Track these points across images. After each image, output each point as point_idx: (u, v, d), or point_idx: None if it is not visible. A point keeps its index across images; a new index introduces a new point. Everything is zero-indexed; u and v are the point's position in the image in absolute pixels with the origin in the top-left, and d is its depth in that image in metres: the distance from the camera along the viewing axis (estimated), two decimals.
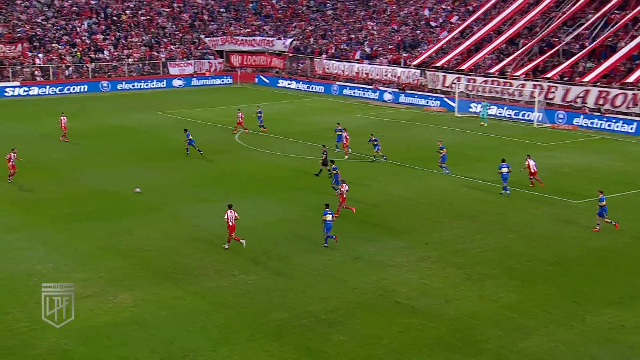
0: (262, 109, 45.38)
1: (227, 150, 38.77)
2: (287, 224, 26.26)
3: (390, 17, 72.36)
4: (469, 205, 28.85)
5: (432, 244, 24.19)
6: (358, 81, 63.89)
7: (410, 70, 60.27)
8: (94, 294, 19.71)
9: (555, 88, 50.27)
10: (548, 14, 58.91)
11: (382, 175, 33.59)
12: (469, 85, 55.11)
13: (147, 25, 73.49)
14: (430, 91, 58.09)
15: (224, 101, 57.37)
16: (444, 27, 65.59)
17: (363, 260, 22.55)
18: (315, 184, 31.93)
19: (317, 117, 50.14)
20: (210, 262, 22.23)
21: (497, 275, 21.43)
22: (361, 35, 70.90)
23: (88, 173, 33.51)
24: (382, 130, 45.32)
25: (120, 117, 49.32)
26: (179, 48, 71.44)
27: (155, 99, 59.98)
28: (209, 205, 28.50)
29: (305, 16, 78.74)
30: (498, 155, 37.96)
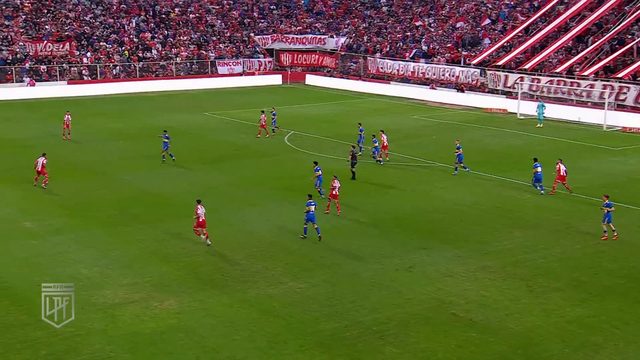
0: (276, 112, 45.05)
1: (276, 153, 39.09)
2: (339, 230, 26.30)
3: (449, 14, 71.78)
4: (532, 213, 28.37)
5: (492, 253, 23.87)
6: (414, 81, 63.59)
7: (469, 69, 59.64)
8: (140, 299, 20.13)
9: (627, 89, 48.99)
10: (620, 10, 57.45)
11: (438, 181, 33.34)
12: (533, 86, 54.20)
13: (196, 23, 74.78)
14: (491, 92, 57.40)
15: (273, 102, 57.80)
16: (506, 24, 64.71)
17: (417, 270, 22.42)
18: (370, 189, 31.86)
19: (371, 119, 50.03)
20: (259, 268, 22.44)
21: (562, 288, 21.00)
22: (418, 32, 70.53)
23: (135, 175, 34.22)
24: (438, 132, 45.00)
25: (166, 117, 50.28)
26: (228, 47, 72.44)
27: (202, 99, 60.94)
28: (257, 209, 28.78)
29: (359, 13, 78.82)
30: (564, 160, 37.31)
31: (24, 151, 38.64)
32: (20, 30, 65.68)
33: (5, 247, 24.19)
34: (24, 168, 34.58)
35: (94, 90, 62.48)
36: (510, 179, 33.15)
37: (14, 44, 63.82)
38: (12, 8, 67.83)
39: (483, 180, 33.39)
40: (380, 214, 28.24)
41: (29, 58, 63.03)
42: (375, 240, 25.22)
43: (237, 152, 39.28)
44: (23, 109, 54.47)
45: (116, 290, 20.64)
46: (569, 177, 30.51)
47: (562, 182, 30.60)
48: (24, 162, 35.81)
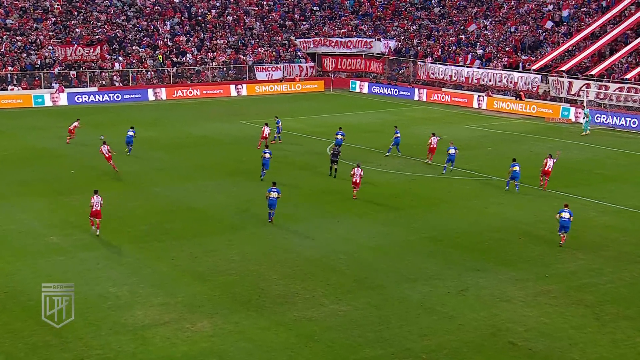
0: (280, 120, 45.51)
1: (319, 165, 39.21)
2: (385, 249, 26.24)
3: (507, 15, 71.26)
4: (598, 233, 27.87)
5: (554, 276, 23.49)
6: (468, 87, 63.22)
7: (529, 75, 59.05)
8: (172, 320, 20.35)
9: None
10: None
11: (493, 196, 33.02)
12: (600, 93, 53.35)
13: (233, 25, 75.72)
14: (553, 99, 56.70)
15: (315, 110, 58.06)
16: (571, 26, 63.91)
17: (471, 293, 22.19)
18: (419, 205, 31.74)
19: (419, 128, 49.89)
20: (298, 289, 22.49)
21: (632, 316, 20.55)
22: (472, 35, 70.15)
23: (167, 187, 34.66)
24: (493, 144, 44.57)
25: (201, 126, 50.89)
26: (267, 50, 73.11)
27: (240, 106, 61.55)
28: (298, 225, 28.90)
29: (409, 14, 78.84)
30: (634, 175, 36.65)
31: (52, 161, 39.54)
32: (49, 33, 67.40)
33: (30, 263, 24.66)
34: (52, 179, 35.34)
35: (125, 97, 63.67)
36: (575, 195, 32.63)
37: (43, 48, 65.50)
38: (42, 10, 69.67)
39: (544, 196, 32.92)
40: (429, 231, 28.08)
41: (58, 63, 64.61)
42: (424, 260, 25.07)
43: (277, 164, 39.49)
44: (52, 116, 55.79)
45: (147, 310, 20.89)
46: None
47: (546, 178, 33.43)
48: (52, 173, 36.62)
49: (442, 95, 63.46)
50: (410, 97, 65.41)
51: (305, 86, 70.64)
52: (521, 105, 56.98)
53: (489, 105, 59.13)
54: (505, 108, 57.91)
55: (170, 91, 65.77)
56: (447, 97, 62.98)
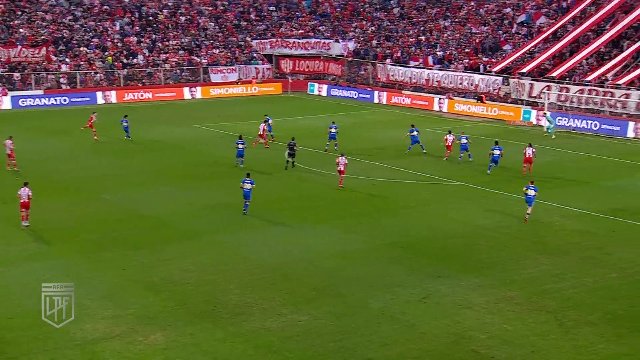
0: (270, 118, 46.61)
1: (276, 170, 39.18)
2: (345, 256, 26.31)
3: (468, 16, 72.19)
4: (561, 237, 28.35)
5: (516, 282, 23.82)
6: (428, 90, 63.84)
7: (490, 77, 59.86)
8: (122, 333, 20.10)
9: None
10: None
11: (455, 201, 33.37)
12: (562, 95, 54.33)
13: (186, 26, 75.32)
14: (514, 102, 57.56)
15: (272, 113, 57.91)
16: (531, 27, 65.03)
17: (433, 301, 22.37)
18: (380, 210, 31.92)
19: (380, 132, 50.19)
20: (255, 298, 22.42)
21: (595, 322, 20.93)
22: (432, 36, 70.89)
23: (118, 194, 34.26)
24: (454, 147, 45.04)
25: (154, 130, 50.46)
26: (222, 52, 72.87)
27: (193, 109, 61.13)
28: (255, 232, 28.80)
29: (368, 15, 79.35)
30: (596, 179, 37.40)
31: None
32: None
33: None
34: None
35: (73, 100, 62.76)
36: (537, 199, 33.10)
37: None
38: None
39: (506, 200, 33.39)
40: (390, 238, 28.25)
41: (0, 65, 63.45)
42: (385, 267, 25.20)
43: (232, 169, 39.35)
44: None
45: (96, 323, 20.61)
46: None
47: (529, 166, 36.85)
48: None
49: (402, 98, 63.96)
50: (370, 99, 65.80)
51: (262, 88, 70.59)
52: (482, 108, 57.75)
53: (450, 108, 59.79)
54: (467, 111, 58.62)
55: (120, 94, 65.08)
56: (408, 99, 63.49)
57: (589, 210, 31.55)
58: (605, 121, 50.64)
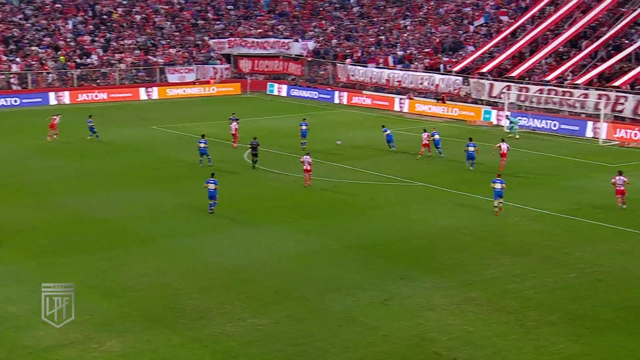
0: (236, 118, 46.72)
1: (235, 171, 39.06)
2: (306, 258, 26.31)
3: (427, 16, 72.78)
4: (521, 238, 28.71)
5: (478, 283, 24.06)
6: (389, 90, 64.18)
7: (450, 77, 60.41)
8: (77, 340, 19.83)
9: (624, 98, 50.03)
10: (616, 11, 58.78)
11: (418, 202, 33.59)
12: (521, 95, 55.05)
13: (142, 25, 74.64)
14: (474, 102, 58.17)
15: (230, 113, 57.74)
16: (491, 27, 65.79)
17: (395, 303, 22.49)
18: (341, 212, 32.00)
19: (340, 132, 50.30)
20: (214, 303, 22.30)
21: (555, 322, 21.24)
22: (392, 36, 71.33)
23: (72, 198, 33.82)
24: (416, 148, 45.39)
25: (109, 131, 49.88)
26: (179, 52, 72.38)
27: (150, 110, 60.57)
28: (214, 235, 28.66)
29: (327, 14, 79.51)
30: (556, 179, 37.98)
31: None
32: None
33: None
34: None
35: (24, 101, 61.75)
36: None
37: None
38: None
39: (467, 201, 33.72)
40: (352, 239, 28.33)
41: None
42: (347, 269, 25.25)
43: (190, 171, 39.12)
44: None
45: (49, 330, 20.26)
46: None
47: (503, 159, 38.65)
48: None
49: (363, 98, 64.21)
50: (330, 100, 65.91)
51: (221, 89, 70.29)
52: (443, 108, 58.23)
53: (411, 108, 60.17)
54: (427, 111, 59.06)
55: (74, 95, 64.25)
56: (369, 100, 63.76)
57: (549, 211, 32.01)
58: (564, 121, 51.45)
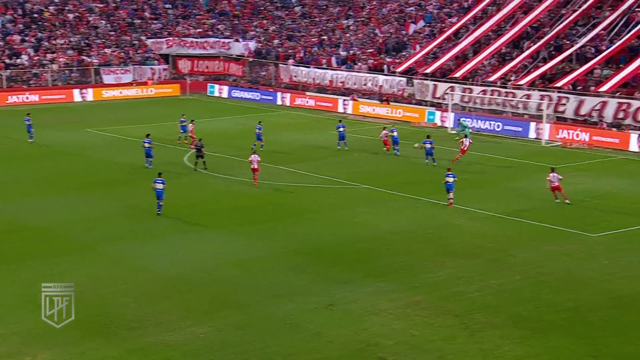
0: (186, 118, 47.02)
1: (175, 176, 38.64)
2: (248, 264, 26.20)
3: (370, 15, 73.29)
4: (467, 240, 29.08)
5: (423, 286, 24.27)
6: (332, 91, 64.39)
7: (394, 78, 60.92)
8: (6, 354, 19.40)
9: (566, 99, 51.18)
10: (557, 12, 60.10)
11: (362, 205, 33.75)
12: (465, 96, 55.85)
13: (75, 24, 73.43)
14: (418, 103, 58.76)
15: (170, 116, 57.25)
16: (434, 27, 66.59)
17: (339, 308, 22.53)
18: (284, 216, 31.97)
19: (284, 135, 50.28)
20: (153, 311, 22.04)
21: (500, 325, 21.55)
22: (335, 36, 71.62)
23: (2, 205, 33.15)
24: (362, 149, 45.66)
25: (41, 135, 48.90)
26: (114, 52, 71.39)
27: (84, 113, 59.65)
28: (152, 241, 28.39)
29: (268, 14, 79.42)
30: (500, 180, 38.61)
31: None
32: None
33: None
34: None
35: None
36: (443, 202, 33.91)
37: None
38: None
39: (412, 204, 34.02)
40: (295, 244, 28.32)
41: None
42: (290, 274, 25.23)
43: (128, 175, 38.65)
44: None
45: None
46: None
47: (461, 156, 41.13)
48: None
49: (306, 100, 64.29)
50: (273, 101, 65.80)
51: (159, 90, 69.57)
52: (387, 110, 58.66)
53: (355, 109, 60.47)
54: (372, 112, 59.41)
55: (3, 97, 62.88)
56: (312, 101, 63.85)
57: (494, 212, 32.49)
58: (507, 122, 52.34)
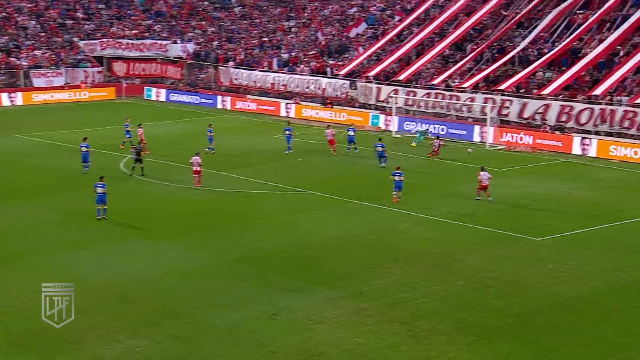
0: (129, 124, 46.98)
1: (112, 182, 38.05)
2: (189, 273, 26.02)
3: (312, 17, 73.55)
4: (412, 245, 29.38)
5: (368, 293, 24.43)
6: (275, 94, 64.39)
7: (337, 80, 61.22)
8: None
9: (510, 102, 52.14)
10: (499, 14, 61.20)
11: (306, 211, 33.82)
12: (409, 99, 56.42)
13: (2, 24, 71.92)
14: (362, 106, 59.15)
15: (105, 120, 56.57)
16: (377, 29, 67.15)
17: (283, 317, 22.54)
18: (226, 223, 31.84)
19: (225, 140, 50.00)
20: (88, 325, 21.73)
21: (446, 331, 21.82)
22: (276, 38, 71.66)
23: None
24: (303, 155, 45.75)
25: None
26: (45, 54, 70.12)
27: (13, 117, 58.54)
28: (86, 250, 28.02)
29: (207, 14, 79.01)
30: (443, 184, 39.13)
31: None
32: None
33: None
34: None
35: None
36: (388, 207, 34.22)
37: None
38: None
39: (357, 209, 34.22)
40: (238, 252, 28.25)
41: None
42: (232, 283, 25.15)
43: (60, 182, 38.03)
44: None
45: None
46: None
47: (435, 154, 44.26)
48: None
49: (247, 103, 64.14)
50: (213, 105, 65.46)
51: (93, 94, 68.51)
52: (330, 113, 58.89)
53: (298, 113, 60.57)
54: (315, 116, 59.57)
55: None
56: (253, 104, 63.72)
57: (439, 217, 32.91)
58: (452, 125, 53.04)
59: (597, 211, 34.40)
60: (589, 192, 38.01)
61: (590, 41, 54.27)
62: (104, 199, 31.42)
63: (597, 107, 48.64)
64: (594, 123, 48.47)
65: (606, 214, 33.98)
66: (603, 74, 51.22)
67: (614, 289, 25.25)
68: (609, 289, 25.27)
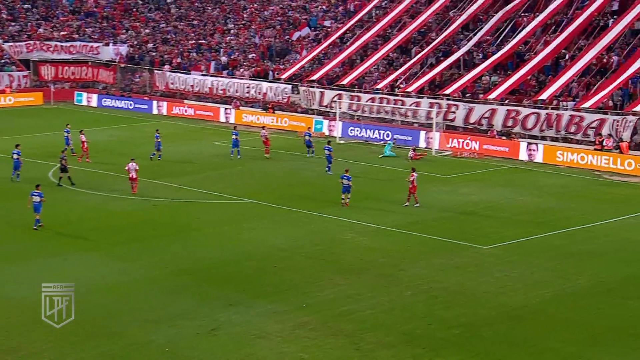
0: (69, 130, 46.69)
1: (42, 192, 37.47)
2: (123, 288, 25.75)
3: (252, 19, 73.47)
4: (357, 256, 29.52)
5: (312, 306, 24.47)
6: (213, 99, 64.10)
7: (279, 85, 61.22)
8: None
9: (456, 107, 52.80)
10: (444, 16, 61.95)
11: (247, 220, 33.75)
12: (353, 104, 56.71)
13: None
14: (305, 111, 59.25)
15: (32, 127, 55.61)
16: (319, 32, 67.41)
17: (223, 332, 22.43)
18: (163, 234, 31.57)
19: (162, 147, 49.56)
20: (15, 345, 21.34)
21: (392, 344, 21.96)
22: (215, 40, 71.39)
23: None
24: (244, 162, 45.64)
25: None
26: None
27: None
28: (14, 266, 27.58)
29: (141, 15, 78.29)
30: (391, 192, 39.39)
31: None
32: None
33: None
34: None
35: None
36: (332, 216, 34.33)
37: None
38: None
39: (300, 218, 34.26)
40: (175, 264, 28.05)
41: None
42: (169, 297, 24.93)
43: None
44: None
45: None
46: None
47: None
48: None
49: (184, 108, 63.74)
50: (148, 110, 64.84)
51: (19, 99, 67.26)
52: (272, 119, 58.85)
53: (237, 118, 60.36)
54: (255, 121, 59.45)
55: None
56: (191, 110, 63.36)
57: (384, 225, 33.12)
58: (397, 131, 53.47)
59: (543, 218, 35.07)
60: (535, 199, 38.72)
61: (535, 44, 55.35)
62: (39, 208, 31.29)
63: (543, 111, 49.59)
64: (540, 128, 49.41)
65: (552, 221, 34.67)
66: (549, 78, 52.24)
67: (561, 297, 25.77)
68: (556, 297, 25.77)
